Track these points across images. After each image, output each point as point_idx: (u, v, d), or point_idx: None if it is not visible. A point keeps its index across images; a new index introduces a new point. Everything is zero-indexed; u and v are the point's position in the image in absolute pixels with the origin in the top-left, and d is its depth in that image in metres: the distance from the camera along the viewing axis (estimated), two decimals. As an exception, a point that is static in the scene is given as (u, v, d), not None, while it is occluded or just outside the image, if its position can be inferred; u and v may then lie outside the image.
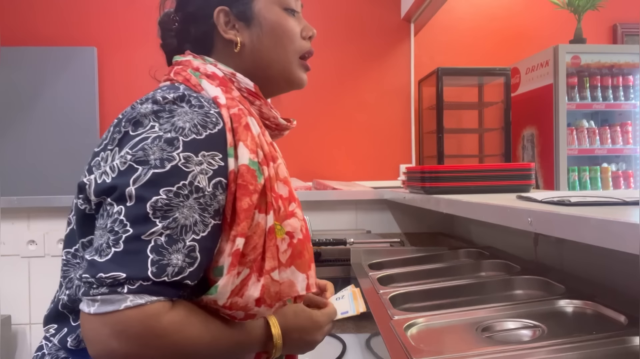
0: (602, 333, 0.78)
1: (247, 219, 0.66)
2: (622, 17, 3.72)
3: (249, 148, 0.69)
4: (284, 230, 0.72)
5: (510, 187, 1.37)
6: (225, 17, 0.79)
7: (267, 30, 0.80)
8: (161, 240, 0.61)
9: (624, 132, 3.09)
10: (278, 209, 0.71)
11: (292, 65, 0.83)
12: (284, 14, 0.81)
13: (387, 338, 0.85)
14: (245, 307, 0.67)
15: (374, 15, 3.51)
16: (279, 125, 0.84)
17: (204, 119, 0.67)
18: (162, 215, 0.62)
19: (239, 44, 0.79)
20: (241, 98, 0.76)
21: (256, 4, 0.80)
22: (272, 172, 0.72)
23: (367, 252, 1.57)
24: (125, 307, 0.58)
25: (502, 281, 1.18)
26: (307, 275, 0.74)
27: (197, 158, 0.65)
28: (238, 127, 0.69)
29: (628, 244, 0.56)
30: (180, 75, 0.76)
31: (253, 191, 0.67)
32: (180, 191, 0.63)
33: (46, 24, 3.32)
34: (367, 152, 3.52)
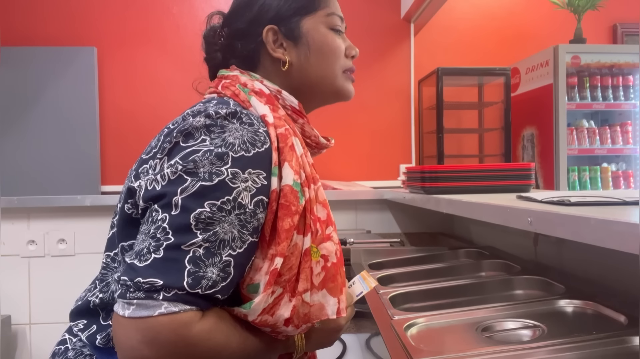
0: (602, 333, 0.78)
1: (287, 239, 0.67)
2: (622, 17, 3.72)
3: (293, 169, 0.70)
4: (320, 253, 0.72)
5: (510, 187, 1.37)
6: (274, 35, 0.81)
7: (315, 49, 0.82)
8: (200, 252, 0.62)
9: (624, 132, 3.09)
10: (316, 232, 0.72)
11: (338, 78, 0.85)
12: (330, 33, 0.83)
13: (387, 338, 0.85)
14: (274, 325, 0.69)
15: (374, 15, 3.51)
16: (319, 144, 0.86)
17: (253, 137, 0.69)
18: (204, 228, 0.63)
19: (287, 62, 0.81)
20: (286, 118, 0.77)
21: (304, 23, 0.81)
22: (312, 194, 0.73)
23: (367, 252, 1.57)
24: (159, 314, 0.59)
25: (502, 281, 1.18)
26: (339, 299, 0.74)
27: (243, 175, 0.66)
28: (284, 147, 0.71)
29: (628, 244, 0.56)
30: (228, 89, 0.77)
31: (295, 212, 0.69)
32: (224, 206, 0.64)
33: (46, 24, 3.32)
34: (367, 152, 3.52)
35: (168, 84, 3.30)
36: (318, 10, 0.82)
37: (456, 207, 1.17)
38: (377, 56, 3.53)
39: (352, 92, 0.89)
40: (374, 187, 2.56)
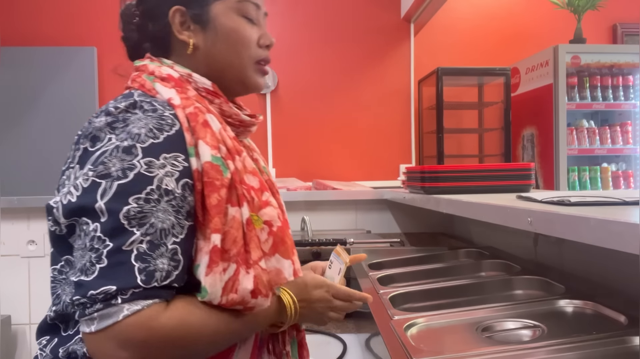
0: (602, 333, 0.78)
1: (219, 214, 0.66)
2: (622, 17, 3.72)
3: (209, 144, 0.69)
4: (262, 220, 0.72)
5: (510, 187, 1.37)
6: (182, 17, 0.78)
7: (223, 36, 0.80)
8: (143, 248, 0.62)
9: (624, 132, 3.09)
10: (251, 200, 0.72)
11: (246, 70, 0.82)
12: (242, 20, 0.81)
13: (387, 338, 0.85)
14: (242, 301, 0.68)
15: (374, 15, 3.51)
16: (243, 122, 0.83)
17: (159, 122, 0.68)
18: (138, 223, 0.62)
19: (191, 45, 0.79)
20: (198, 97, 0.75)
21: (213, 7, 0.79)
22: (239, 165, 0.72)
23: (367, 252, 1.56)
24: (124, 316, 0.59)
25: (502, 281, 1.18)
26: (292, 260, 0.75)
27: (159, 162, 0.65)
28: (196, 125, 0.69)
29: (628, 244, 0.56)
30: (136, 82, 0.76)
31: (220, 186, 0.67)
32: (150, 196, 0.63)
33: (46, 24, 3.32)
34: (367, 152, 3.51)
35: (168, 84, 3.31)
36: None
37: (456, 207, 1.17)
38: (377, 56, 3.53)
39: (261, 84, 0.85)
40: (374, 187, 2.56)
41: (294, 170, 3.45)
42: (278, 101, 3.47)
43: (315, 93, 3.49)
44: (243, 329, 0.72)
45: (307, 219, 1.87)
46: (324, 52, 3.49)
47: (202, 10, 0.79)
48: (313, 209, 2.07)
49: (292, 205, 2.08)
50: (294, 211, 2.06)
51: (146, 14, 0.81)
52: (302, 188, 2.52)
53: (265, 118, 3.45)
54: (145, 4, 0.81)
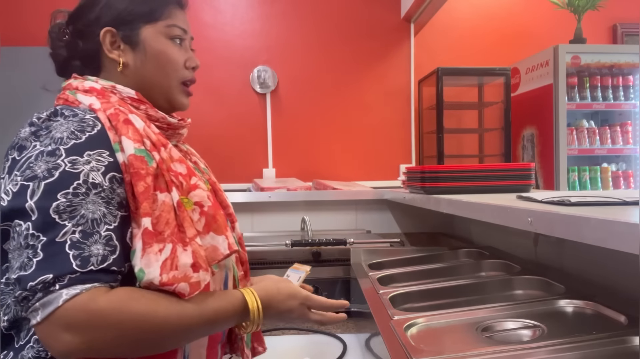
0: (602, 333, 0.78)
1: (147, 200, 0.70)
2: (622, 17, 3.72)
3: (131, 139, 0.73)
4: (192, 202, 0.76)
5: (510, 187, 1.37)
6: (112, 37, 0.84)
7: (151, 57, 0.85)
8: (76, 237, 0.65)
9: (624, 132, 3.09)
10: (180, 184, 0.76)
11: (172, 90, 0.88)
12: (169, 43, 0.87)
13: (387, 338, 0.85)
14: (185, 277, 0.70)
15: (374, 15, 3.51)
16: (171, 124, 0.87)
17: (80, 125, 0.72)
18: (69, 216, 0.66)
19: (121, 63, 0.84)
20: (121, 103, 0.80)
21: (143, 31, 0.85)
22: (164, 155, 0.76)
23: (367, 252, 1.57)
24: (63, 301, 0.62)
25: (502, 281, 1.18)
26: (226, 236, 0.78)
27: (83, 159, 0.69)
28: (117, 123, 0.74)
29: (628, 244, 0.56)
30: (60, 99, 0.82)
31: (146, 175, 0.72)
32: (78, 190, 0.67)
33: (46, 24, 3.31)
34: (367, 152, 3.51)
35: (168, 84, 3.31)
36: (159, 20, 0.86)
37: (456, 207, 1.17)
38: (377, 56, 3.53)
39: (185, 105, 0.91)
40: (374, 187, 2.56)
41: (294, 170, 3.45)
42: (278, 101, 3.47)
43: (315, 93, 3.49)
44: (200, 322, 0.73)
45: (307, 219, 1.87)
46: (323, 52, 3.49)
47: (132, 32, 0.84)
48: (313, 209, 2.07)
49: (292, 205, 2.08)
50: (294, 211, 2.06)
51: (77, 33, 0.87)
52: (302, 188, 2.52)
53: (265, 118, 3.45)
54: (77, 23, 0.87)
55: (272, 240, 1.72)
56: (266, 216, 2.08)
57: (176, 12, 0.88)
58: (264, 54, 3.43)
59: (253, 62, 3.42)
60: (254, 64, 3.41)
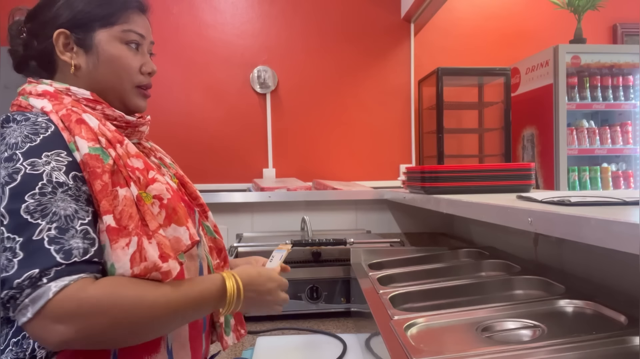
0: (602, 333, 0.78)
1: (105, 197, 0.72)
2: (622, 17, 3.72)
3: (85, 138, 0.74)
4: (151, 195, 0.77)
5: (510, 187, 1.37)
6: (65, 39, 0.84)
7: (104, 61, 0.85)
8: (53, 233, 0.66)
9: (624, 132, 3.09)
10: (138, 179, 0.77)
11: (127, 93, 0.88)
12: (124, 48, 0.86)
13: (387, 338, 0.85)
14: (155, 266, 0.72)
15: (374, 15, 3.51)
16: (129, 122, 0.87)
17: (33, 128, 0.73)
18: (41, 215, 0.66)
19: (73, 66, 0.84)
20: (74, 103, 0.80)
21: (97, 34, 0.84)
22: (120, 151, 0.77)
23: (367, 252, 1.56)
24: (53, 293, 0.63)
25: (502, 281, 1.18)
26: (187, 226, 0.80)
27: (41, 160, 0.70)
28: (70, 124, 0.75)
29: (628, 244, 0.56)
30: (14, 105, 0.83)
31: (102, 173, 0.73)
32: (44, 190, 0.68)
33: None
34: (367, 152, 3.51)
35: (167, 84, 3.30)
36: (115, 25, 0.85)
37: (456, 207, 1.17)
38: (377, 56, 3.53)
39: (141, 107, 0.91)
40: (374, 187, 2.56)
41: (294, 170, 3.45)
42: (278, 101, 3.47)
43: (315, 93, 3.49)
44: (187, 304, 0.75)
45: (307, 219, 1.87)
46: (323, 52, 3.49)
47: (86, 35, 0.84)
48: (313, 209, 2.07)
49: (292, 205, 2.08)
50: (294, 211, 2.06)
51: (32, 33, 0.86)
52: (302, 188, 2.52)
53: (265, 118, 3.45)
54: (32, 23, 0.86)
55: (272, 240, 1.72)
56: (266, 216, 2.08)
57: (134, 17, 0.87)
58: (264, 54, 3.43)
59: (253, 62, 3.42)
60: (254, 64, 3.41)
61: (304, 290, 1.54)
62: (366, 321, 1.16)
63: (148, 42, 0.91)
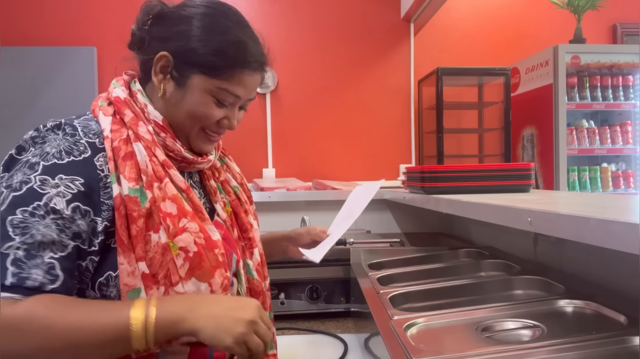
0: (602, 333, 0.78)
1: (139, 244, 0.72)
2: (622, 17, 3.72)
3: (127, 178, 0.74)
4: (177, 246, 0.75)
5: (510, 187, 1.37)
6: (166, 63, 0.82)
7: (190, 101, 0.82)
8: (20, 254, 0.66)
9: (624, 132, 3.09)
10: (167, 228, 0.75)
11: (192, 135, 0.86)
12: (211, 101, 0.83)
13: (387, 338, 0.85)
14: None
15: (374, 15, 3.51)
16: (185, 159, 0.85)
17: (71, 146, 0.74)
18: (21, 232, 0.67)
19: (161, 89, 0.83)
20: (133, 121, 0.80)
21: (194, 77, 0.81)
22: (157, 193, 0.76)
23: (367, 252, 1.56)
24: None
25: (502, 281, 1.18)
26: (209, 283, 0.77)
27: (53, 181, 0.70)
28: (117, 159, 0.75)
29: (628, 244, 0.56)
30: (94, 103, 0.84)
31: (138, 217, 0.73)
32: (36, 211, 0.68)
33: (46, 24, 3.32)
34: (367, 152, 3.51)
35: (168, 84, 3.30)
36: (215, 78, 0.81)
37: (456, 207, 1.17)
38: (377, 56, 3.53)
39: (204, 150, 0.88)
40: (374, 187, 2.56)
41: (294, 170, 3.45)
42: (278, 101, 3.47)
43: (315, 93, 3.49)
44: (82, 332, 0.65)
45: (307, 219, 1.87)
46: (323, 52, 3.49)
47: (184, 72, 0.81)
48: (313, 209, 2.07)
49: (292, 205, 2.08)
50: (294, 211, 2.06)
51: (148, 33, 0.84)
52: (302, 188, 2.52)
53: (265, 118, 3.45)
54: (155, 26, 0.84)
55: (272, 240, 1.71)
56: (266, 216, 2.08)
57: (241, 77, 0.83)
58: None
59: (253, 62, 3.41)
60: (254, 64, 3.41)
61: (304, 290, 1.54)
62: (366, 321, 1.16)
63: (246, 99, 0.87)
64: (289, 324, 1.49)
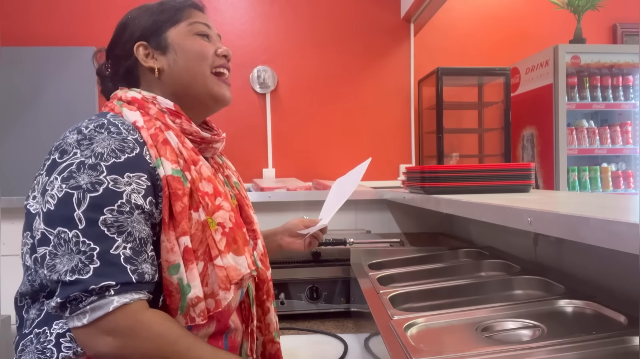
0: (602, 333, 0.78)
1: (184, 219, 0.76)
2: (622, 17, 3.72)
3: (169, 159, 0.79)
4: (215, 222, 0.81)
5: (510, 187, 1.37)
6: (145, 49, 0.90)
7: (181, 53, 0.90)
8: (128, 253, 0.70)
9: (624, 132, 3.09)
10: (206, 205, 0.81)
11: (208, 80, 0.91)
12: (195, 37, 0.91)
13: (387, 338, 0.85)
14: (212, 294, 0.78)
15: (374, 15, 3.51)
16: (204, 139, 0.90)
17: (121, 145, 0.76)
18: (117, 231, 0.70)
19: (156, 70, 0.89)
20: (159, 114, 0.85)
21: (169, 34, 0.90)
22: (194, 174, 0.82)
23: (367, 252, 1.56)
24: (114, 308, 0.67)
25: (502, 281, 1.18)
26: (245, 257, 0.84)
27: (124, 179, 0.73)
28: (157, 144, 0.80)
29: (628, 244, 0.56)
30: (107, 107, 0.87)
31: (183, 195, 0.77)
32: (122, 209, 0.71)
33: (46, 24, 3.32)
34: (367, 151, 3.51)
35: (168, 84, 3.31)
36: (181, 22, 0.91)
37: (456, 207, 1.17)
38: (377, 56, 3.53)
39: (226, 96, 0.94)
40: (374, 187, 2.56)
41: (294, 170, 3.45)
42: (278, 101, 3.47)
43: (315, 93, 3.49)
44: None
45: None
46: (323, 52, 3.49)
47: (160, 38, 0.90)
48: (313, 209, 2.07)
49: (292, 205, 2.08)
50: (294, 211, 2.06)
51: (115, 61, 0.93)
52: (302, 188, 2.52)
53: (265, 118, 3.45)
54: (113, 52, 0.93)
55: (272, 240, 1.72)
56: (266, 216, 2.08)
57: (195, 12, 0.93)
58: (263, 54, 3.43)
59: (253, 62, 3.42)
60: (254, 64, 3.41)
61: (304, 290, 1.54)
62: (366, 321, 1.16)
63: (215, 33, 0.95)
64: (289, 324, 1.49)
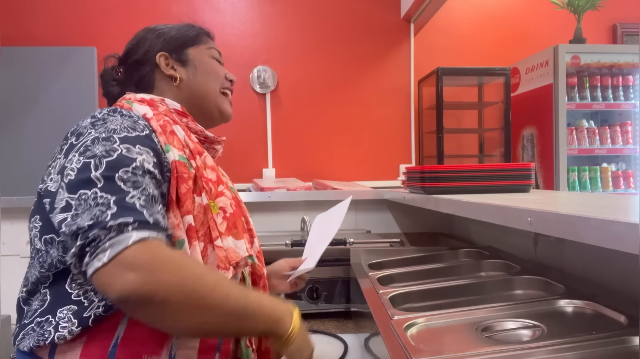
0: (602, 333, 0.78)
1: (188, 200, 0.81)
2: (622, 17, 3.72)
3: (176, 147, 0.85)
4: (217, 206, 0.86)
5: (510, 187, 1.37)
6: (166, 59, 1.00)
7: (200, 69, 1.03)
8: (142, 202, 0.71)
9: (624, 132, 3.09)
10: (210, 190, 0.87)
11: (217, 97, 1.05)
12: (212, 59, 1.06)
13: (387, 338, 0.85)
14: None
15: (374, 15, 3.51)
16: (207, 138, 1.00)
17: (133, 124, 0.81)
18: (133, 186, 0.72)
19: (178, 78, 1.00)
20: (167, 112, 0.92)
21: (190, 52, 1.03)
22: (199, 163, 0.88)
23: (367, 252, 1.56)
24: (133, 242, 0.65)
25: (502, 281, 1.18)
26: (244, 240, 0.89)
27: (135, 149, 0.76)
28: (165, 132, 0.85)
29: (628, 244, 0.56)
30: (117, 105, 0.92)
31: (188, 178, 0.83)
32: (136, 171, 0.74)
33: (45, 24, 3.32)
34: (367, 152, 3.51)
35: (168, 84, 3.31)
36: (200, 44, 1.05)
37: (456, 207, 1.17)
38: (377, 56, 3.53)
39: (229, 111, 1.08)
40: (374, 187, 2.56)
41: (294, 170, 3.45)
42: (278, 101, 3.47)
43: (315, 93, 3.49)
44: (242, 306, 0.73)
45: (307, 219, 1.87)
46: (323, 51, 3.49)
47: (182, 53, 1.02)
48: (313, 209, 2.07)
49: (292, 205, 2.08)
50: (294, 211, 2.06)
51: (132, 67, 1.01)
52: (302, 188, 2.52)
53: (265, 118, 3.45)
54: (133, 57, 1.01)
55: (272, 240, 1.72)
56: (266, 216, 2.08)
57: (210, 40, 1.08)
58: (263, 54, 3.43)
59: (253, 62, 3.42)
60: (254, 64, 3.41)
61: (304, 290, 1.54)
62: (366, 321, 1.16)
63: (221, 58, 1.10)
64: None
